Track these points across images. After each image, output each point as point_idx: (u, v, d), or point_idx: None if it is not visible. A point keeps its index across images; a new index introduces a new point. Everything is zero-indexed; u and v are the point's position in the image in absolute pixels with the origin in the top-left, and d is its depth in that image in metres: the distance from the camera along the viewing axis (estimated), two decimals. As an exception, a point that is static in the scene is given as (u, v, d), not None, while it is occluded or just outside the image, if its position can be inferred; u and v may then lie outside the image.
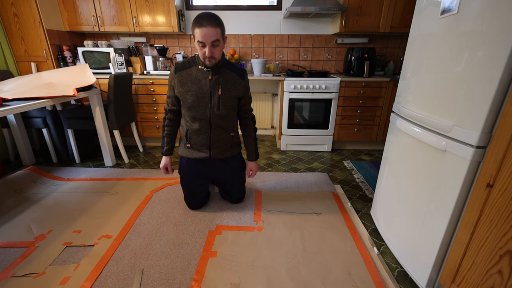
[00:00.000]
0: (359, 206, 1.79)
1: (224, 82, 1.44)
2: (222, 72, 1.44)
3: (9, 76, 2.44)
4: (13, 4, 2.35)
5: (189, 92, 1.43)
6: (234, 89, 1.47)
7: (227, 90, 1.45)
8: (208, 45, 1.27)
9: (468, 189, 0.92)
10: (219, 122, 1.49)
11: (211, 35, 1.25)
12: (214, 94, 1.44)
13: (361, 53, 2.55)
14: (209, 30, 1.24)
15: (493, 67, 0.81)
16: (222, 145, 1.56)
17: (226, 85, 1.45)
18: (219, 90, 1.44)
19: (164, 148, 1.60)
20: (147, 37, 2.97)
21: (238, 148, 1.67)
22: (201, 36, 1.25)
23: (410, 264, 1.19)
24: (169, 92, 1.52)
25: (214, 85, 1.43)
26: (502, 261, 0.80)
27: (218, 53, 1.34)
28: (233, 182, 1.70)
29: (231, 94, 1.47)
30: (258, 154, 1.69)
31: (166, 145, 1.59)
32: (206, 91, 1.43)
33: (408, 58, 1.27)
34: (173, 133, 1.60)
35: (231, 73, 1.46)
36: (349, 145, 2.86)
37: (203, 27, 1.23)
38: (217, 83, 1.43)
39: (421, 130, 1.13)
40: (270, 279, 1.19)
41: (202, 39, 1.25)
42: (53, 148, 2.42)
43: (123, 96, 2.35)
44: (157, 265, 1.26)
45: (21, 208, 1.71)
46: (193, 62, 1.45)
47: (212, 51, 1.30)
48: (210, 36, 1.25)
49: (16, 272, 1.21)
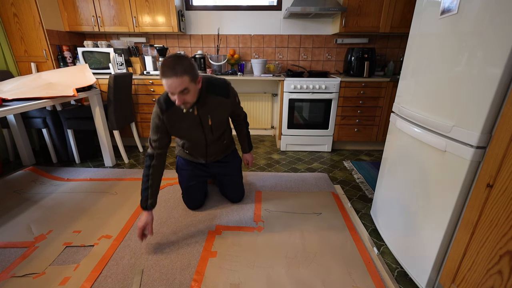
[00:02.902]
0: (359, 206, 1.79)
1: (211, 110, 1.39)
2: (205, 101, 1.35)
3: (9, 76, 2.44)
4: (13, 4, 2.35)
5: (180, 130, 1.41)
6: (223, 112, 1.45)
7: (216, 117, 1.43)
8: (177, 94, 1.16)
9: (468, 189, 0.92)
10: (214, 141, 1.55)
11: (176, 86, 1.12)
12: (205, 125, 1.42)
13: (361, 53, 2.55)
14: (174, 81, 1.11)
15: (493, 67, 0.81)
16: (218, 152, 1.64)
17: (214, 113, 1.41)
18: (208, 120, 1.41)
19: (148, 201, 1.31)
20: (147, 37, 2.97)
21: (232, 145, 1.73)
22: (166, 87, 1.14)
23: (410, 264, 1.19)
24: (155, 135, 1.33)
25: (203, 117, 1.39)
26: (502, 261, 0.80)
27: (191, 97, 1.21)
28: (230, 177, 1.73)
29: (221, 118, 1.47)
30: (251, 146, 1.77)
31: (150, 198, 1.32)
32: (196, 126, 1.41)
33: (408, 58, 1.27)
34: (158, 182, 1.37)
35: (215, 98, 1.38)
36: (349, 145, 2.86)
37: (167, 77, 1.11)
38: (205, 114, 1.38)
39: (421, 130, 1.13)
40: (270, 279, 1.19)
41: (168, 89, 1.15)
42: (53, 148, 2.42)
43: (123, 96, 2.35)
44: (157, 265, 1.26)
45: (21, 208, 1.71)
46: None
47: (183, 98, 1.18)
48: (176, 87, 1.12)
49: (16, 272, 1.21)
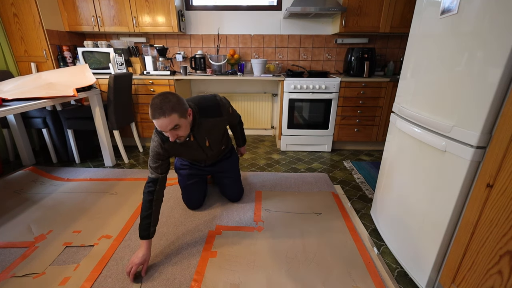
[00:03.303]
0: (359, 206, 1.79)
1: (207, 133, 1.43)
2: (200, 127, 1.38)
3: (9, 76, 2.44)
4: (13, 4, 2.35)
5: (181, 154, 1.50)
6: (219, 130, 1.50)
7: (213, 137, 1.49)
8: (168, 131, 1.19)
9: (468, 189, 0.92)
10: (215, 155, 1.64)
11: (166, 125, 1.15)
12: (204, 146, 1.48)
13: (361, 53, 2.55)
14: (163, 121, 1.13)
15: (493, 67, 0.81)
16: (215, 155, 1.67)
17: (210, 134, 1.46)
18: (206, 142, 1.47)
19: (150, 228, 1.25)
20: (147, 37, 2.97)
21: (229, 145, 1.77)
22: (158, 126, 1.17)
23: (410, 264, 1.19)
24: (157, 162, 1.34)
25: (200, 141, 1.44)
26: (502, 261, 0.80)
27: (183, 132, 1.23)
28: (228, 175, 1.76)
29: (218, 136, 1.52)
30: (245, 140, 1.92)
31: (152, 226, 1.26)
32: (196, 149, 1.47)
33: (408, 58, 1.27)
34: (159, 208, 1.33)
35: (208, 121, 1.40)
36: (349, 145, 2.86)
37: (156, 118, 1.13)
38: (202, 138, 1.43)
39: (421, 131, 1.13)
40: (270, 279, 1.19)
41: (160, 129, 1.18)
42: (53, 148, 2.42)
43: (123, 96, 2.35)
44: (157, 265, 1.26)
45: (21, 208, 1.71)
46: None
47: (175, 134, 1.21)
48: (166, 125, 1.15)
49: (16, 272, 1.21)
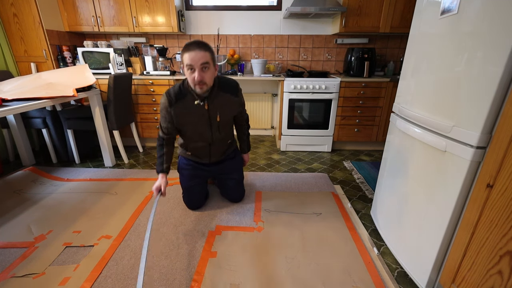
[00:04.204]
0: (359, 206, 1.79)
1: (220, 107, 1.42)
2: (216, 97, 1.40)
3: (9, 77, 2.44)
4: (13, 4, 2.35)
5: (188, 125, 1.43)
6: (231, 110, 1.49)
7: (224, 115, 1.46)
8: (198, 68, 1.21)
9: (468, 190, 0.92)
10: (219, 140, 1.56)
11: (199, 57, 1.19)
12: (213, 121, 1.44)
13: (361, 53, 2.55)
14: (198, 53, 1.19)
15: (493, 67, 0.81)
16: (221, 152, 1.64)
17: (223, 109, 1.44)
18: (217, 116, 1.43)
19: (164, 165, 1.48)
20: (146, 37, 2.97)
21: (234, 145, 1.74)
22: (189, 59, 1.19)
23: (410, 264, 1.19)
24: (164, 123, 1.44)
25: (212, 113, 1.42)
26: (502, 262, 0.80)
27: (209, 78, 1.27)
28: (231, 176, 1.72)
29: (229, 116, 1.50)
30: (250, 147, 1.82)
31: (165, 163, 1.49)
32: (204, 122, 1.42)
33: (408, 58, 1.27)
34: (172, 151, 1.54)
35: (225, 95, 1.42)
36: (349, 145, 2.86)
37: (191, 50, 1.19)
38: (215, 110, 1.42)
39: (421, 131, 1.13)
40: (270, 280, 1.19)
41: (190, 61, 1.20)
42: (53, 149, 2.42)
43: (123, 97, 2.35)
44: (157, 265, 1.26)
45: (20, 208, 1.71)
46: (186, 90, 1.38)
47: (202, 75, 1.23)
48: (199, 58, 1.19)
49: (16, 273, 1.21)
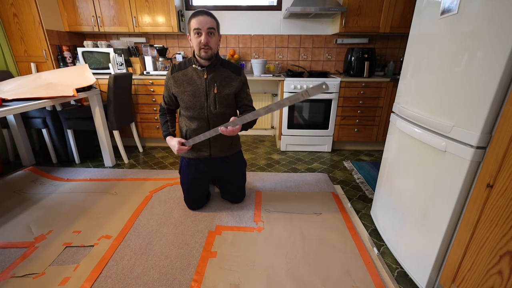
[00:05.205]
0: (359, 206, 1.79)
1: (219, 80, 1.46)
2: (217, 70, 1.46)
3: (9, 77, 2.43)
4: (13, 4, 2.35)
5: (185, 92, 1.46)
6: (230, 86, 1.48)
7: (222, 88, 1.47)
8: (204, 32, 1.31)
9: (468, 190, 0.92)
10: (217, 121, 1.49)
11: (206, 22, 1.30)
12: (210, 92, 1.45)
13: (361, 53, 2.55)
14: (205, 18, 1.30)
15: (493, 67, 0.81)
16: (222, 143, 1.56)
17: (221, 82, 1.46)
18: (214, 88, 1.45)
19: (170, 129, 1.59)
20: (146, 37, 2.97)
21: (238, 145, 1.68)
22: (197, 23, 1.30)
23: (410, 264, 1.19)
24: (165, 92, 1.57)
25: (210, 83, 1.45)
26: (502, 262, 0.80)
27: (214, 43, 1.37)
28: (233, 181, 1.70)
29: (227, 91, 1.47)
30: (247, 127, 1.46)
31: (171, 127, 1.60)
32: (201, 90, 1.45)
33: (408, 58, 1.27)
34: (174, 119, 1.63)
35: (226, 71, 1.48)
36: (349, 145, 2.86)
37: (199, 15, 1.30)
38: (213, 81, 1.45)
39: (421, 131, 1.13)
40: (270, 280, 1.19)
41: (198, 25, 1.30)
42: (53, 149, 2.42)
43: (123, 97, 2.35)
44: (157, 265, 1.26)
45: (20, 208, 1.71)
46: (189, 63, 1.48)
47: (208, 39, 1.33)
48: (206, 23, 1.30)
49: (16, 273, 1.21)
